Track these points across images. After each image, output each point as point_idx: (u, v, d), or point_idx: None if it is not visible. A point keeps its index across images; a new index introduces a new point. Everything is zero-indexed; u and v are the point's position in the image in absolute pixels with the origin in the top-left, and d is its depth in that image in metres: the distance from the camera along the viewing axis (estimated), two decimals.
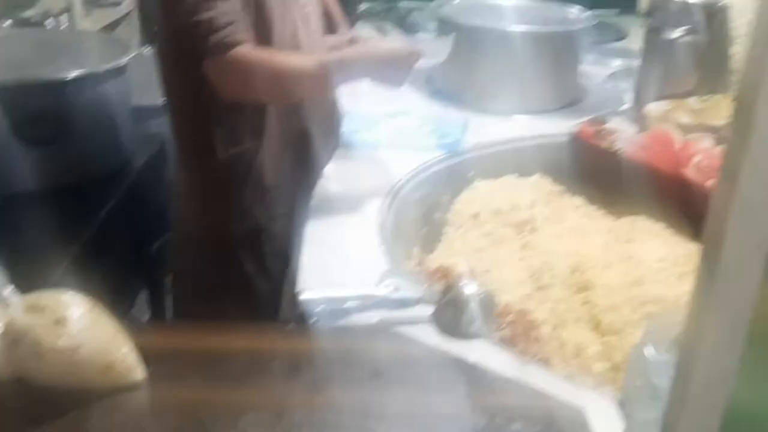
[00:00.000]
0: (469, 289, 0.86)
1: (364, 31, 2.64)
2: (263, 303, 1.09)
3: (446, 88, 1.79)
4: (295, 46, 1.25)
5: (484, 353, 0.81)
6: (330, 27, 2.55)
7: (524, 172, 1.52)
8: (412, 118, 1.59)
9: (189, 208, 1.26)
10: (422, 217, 1.36)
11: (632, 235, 1.33)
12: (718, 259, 0.44)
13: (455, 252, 1.33)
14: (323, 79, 1.19)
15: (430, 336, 0.83)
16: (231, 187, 1.24)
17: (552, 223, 1.37)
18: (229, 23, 1.11)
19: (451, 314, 0.86)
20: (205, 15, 1.09)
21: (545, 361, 1.10)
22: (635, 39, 2.60)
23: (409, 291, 0.89)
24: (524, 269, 1.28)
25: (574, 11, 1.84)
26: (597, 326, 1.19)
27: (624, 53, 2.31)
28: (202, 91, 1.15)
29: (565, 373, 1.11)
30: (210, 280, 1.18)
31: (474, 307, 0.84)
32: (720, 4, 1.55)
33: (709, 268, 0.45)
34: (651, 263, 1.21)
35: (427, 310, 0.87)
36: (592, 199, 1.48)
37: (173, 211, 1.30)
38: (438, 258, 1.31)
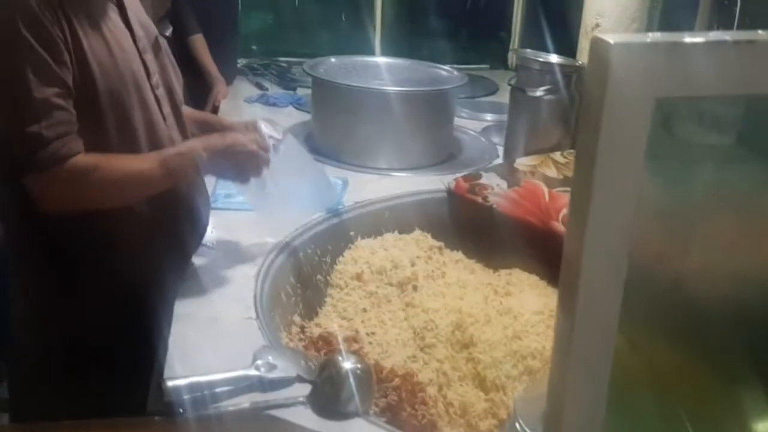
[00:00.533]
0: (347, 363, 0.84)
1: (242, 87, 2.63)
2: (127, 395, 0.99)
3: (324, 146, 1.78)
4: (150, 135, 1.10)
5: None
6: (207, 84, 2.52)
7: (404, 228, 1.53)
8: None
9: (33, 316, 1.09)
10: (303, 281, 1.33)
11: (509, 288, 1.36)
12: (573, 311, 0.44)
13: (339, 315, 1.31)
14: (165, 179, 1.06)
15: (307, 418, 0.80)
16: (83, 297, 1.08)
17: (433, 279, 1.38)
18: (62, 135, 0.96)
19: (328, 393, 0.83)
20: (33, 128, 0.93)
21: (433, 424, 1.09)
22: (506, 93, 2.75)
23: (285, 370, 0.86)
24: (408, 329, 1.27)
25: (447, 69, 1.91)
26: (481, 383, 1.20)
27: (496, 107, 2.42)
28: (30, 203, 0.99)
29: None
30: (67, 378, 1.05)
31: (352, 383, 0.82)
32: (578, 64, 1.66)
33: (566, 323, 0.45)
34: (528, 316, 1.24)
35: (305, 389, 0.84)
36: (470, 253, 1.52)
37: (15, 311, 1.12)
38: (321, 323, 1.28)
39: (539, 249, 1.39)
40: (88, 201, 1.02)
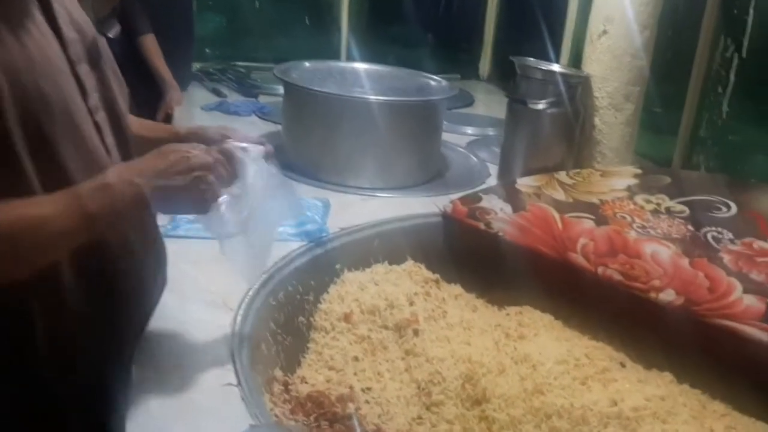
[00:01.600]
0: None
1: (198, 93, 2.39)
2: None
3: (299, 162, 1.57)
4: (87, 169, 0.78)
5: None
6: (158, 90, 2.27)
7: (395, 258, 1.34)
8: None
9: None
10: (283, 325, 1.12)
11: (522, 330, 1.18)
12: None
13: (326, 365, 1.10)
14: (84, 227, 0.72)
15: None
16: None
17: (435, 320, 1.19)
18: None
19: None
20: None
21: None
22: (481, 104, 2.60)
23: None
24: (411, 383, 1.08)
25: (435, 78, 1.73)
26: None
27: (475, 120, 2.26)
28: None
29: None
30: None
31: None
32: (583, 75, 1.51)
33: None
34: (550, 366, 1.07)
35: None
36: (469, 287, 1.34)
37: None
38: (306, 376, 1.07)
39: (554, 284, 1.22)
40: None
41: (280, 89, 2.02)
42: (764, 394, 1.00)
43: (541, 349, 1.12)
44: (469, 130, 2.12)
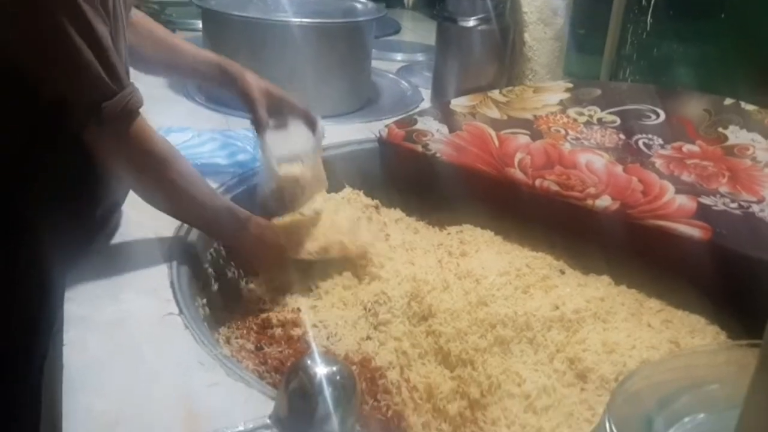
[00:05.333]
0: (321, 368, 0.62)
1: None
2: None
3: (223, 94, 1.50)
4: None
5: None
6: None
7: (332, 186, 1.31)
8: (190, 135, 1.29)
9: None
10: (222, 254, 1.09)
11: (464, 247, 1.18)
12: None
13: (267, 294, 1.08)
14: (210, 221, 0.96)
15: None
16: None
17: (377, 243, 1.17)
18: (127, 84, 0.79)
19: (299, 409, 0.61)
20: (84, 57, 0.72)
21: (399, 415, 0.92)
22: (409, 32, 2.55)
23: None
24: (357, 304, 1.07)
25: (360, 1, 1.68)
26: (445, 359, 1.03)
27: (404, 47, 2.22)
28: None
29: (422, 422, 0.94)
30: None
31: (329, 395, 0.61)
32: None
33: None
34: (493, 279, 1.08)
35: (267, 406, 0.62)
36: (409, 211, 1.33)
37: None
38: (249, 302, 1.05)
39: (492, 200, 1.22)
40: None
41: (198, 24, 1.93)
42: (695, 289, 1.05)
43: (483, 264, 1.13)
44: (398, 56, 2.08)
